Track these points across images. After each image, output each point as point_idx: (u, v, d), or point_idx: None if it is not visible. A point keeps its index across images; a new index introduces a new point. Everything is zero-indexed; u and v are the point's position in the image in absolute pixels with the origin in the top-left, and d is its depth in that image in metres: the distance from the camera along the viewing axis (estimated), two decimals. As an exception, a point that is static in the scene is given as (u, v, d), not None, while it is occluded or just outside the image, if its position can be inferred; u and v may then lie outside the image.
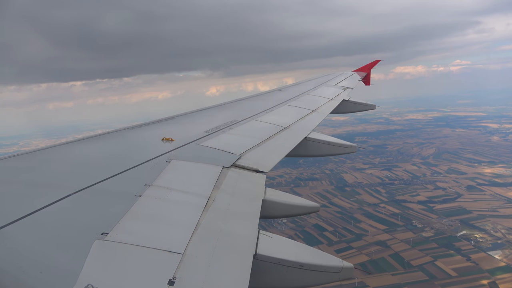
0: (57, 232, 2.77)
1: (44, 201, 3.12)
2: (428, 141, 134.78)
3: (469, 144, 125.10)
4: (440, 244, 63.10)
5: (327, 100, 10.60)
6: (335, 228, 73.52)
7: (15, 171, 4.11)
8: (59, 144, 5.24)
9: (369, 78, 17.92)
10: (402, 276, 55.22)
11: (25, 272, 2.27)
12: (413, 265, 57.84)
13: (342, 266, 3.36)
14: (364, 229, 71.82)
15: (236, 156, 5.12)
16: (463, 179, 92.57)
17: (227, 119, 7.21)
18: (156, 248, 2.70)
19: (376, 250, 62.88)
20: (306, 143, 6.84)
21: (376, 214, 77.65)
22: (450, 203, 79.65)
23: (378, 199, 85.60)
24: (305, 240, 70.48)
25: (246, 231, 3.35)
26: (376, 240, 66.71)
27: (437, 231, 67.70)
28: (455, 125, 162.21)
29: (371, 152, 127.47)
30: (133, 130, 6.26)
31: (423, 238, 65.95)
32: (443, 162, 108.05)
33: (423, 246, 63.11)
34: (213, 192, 3.87)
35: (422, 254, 60.47)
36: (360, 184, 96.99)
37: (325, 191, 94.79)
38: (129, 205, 3.27)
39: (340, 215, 79.49)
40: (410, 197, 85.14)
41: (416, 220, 72.66)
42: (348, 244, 67.01)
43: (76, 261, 2.39)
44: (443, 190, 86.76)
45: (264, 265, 3.05)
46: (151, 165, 4.36)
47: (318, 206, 4.81)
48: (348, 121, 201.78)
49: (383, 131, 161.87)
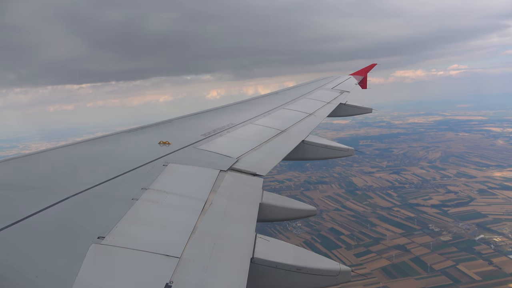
0: (54, 235, 2.74)
1: (40, 205, 3.08)
2: (433, 145, 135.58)
3: (474, 148, 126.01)
4: (460, 248, 63.22)
5: (324, 104, 10.60)
6: (351, 232, 73.35)
7: (11, 174, 4.06)
8: (56, 147, 5.21)
9: (365, 81, 17.99)
10: (426, 281, 55.14)
11: (21, 276, 2.24)
12: (435, 269, 57.80)
13: (340, 269, 3.34)
14: (381, 233, 71.76)
15: (233, 160, 5.11)
16: (473, 183, 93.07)
17: (224, 122, 7.19)
18: (153, 252, 2.69)
19: (396, 254, 62.76)
20: (303, 146, 6.82)
21: (391, 218, 77.66)
22: (463, 207, 79.96)
23: (391, 203, 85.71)
24: (322, 244, 70.36)
25: (243, 234, 3.34)
26: (394, 244, 66.65)
27: (455, 235, 67.82)
28: (457, 129, 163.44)
29: (377, 156, 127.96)
30: (130, 133, 6.20)
31: (441, 242, 66.03)
32: (451, 166, 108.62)
33: (443, 250, 63.17)
34: (210, 196, 3.86)
35: (443, 258, 60.48)
36: (371, 188, 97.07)
37: (336, 195, 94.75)
38: (126, 209, 3.25)
39: (354, 219, 79.36)
40: (422, 200, 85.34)
41: (432, 224, 72.78)
42: (367, 248, 66.83)
43: (73, 265, 2.37)
44: (455, 194, 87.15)
45: (262, 268, 3.04)
46: (148, 168, 4.33)
47: (315, 209, 4.81)
48: (349, 124, 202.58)
49: (386, 135, 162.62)
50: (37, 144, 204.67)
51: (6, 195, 3.36)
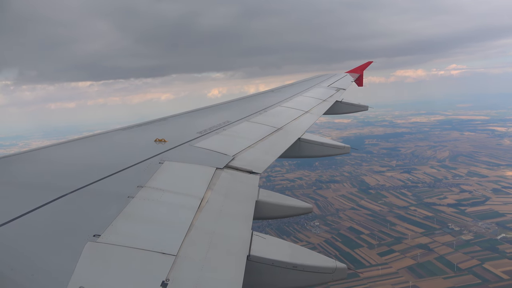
0: (49, 233, 2.73)
1: (36, 203, 3.06)
2: (440, 144, 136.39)
3: (481, 147, 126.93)
4: (483, 247, 63.51)
5: (320, 101, 10.66)
6: (371, 231, 73.39)
7: (6, 172, 4.05)
8: (51, 145, 5.18)
9: (361, 79, 18.02)
10: (454, 280, 55.33)
11: (16, 274, 2.23)
12: (461, 268, 58.01)
13: (335, 266, 3.36)
14: (401, 232, 71.89)
15: (229, 157, 5.12)
16: (486, 182, 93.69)
17: (220, 120, 7.21)
18: (149, 249, 2.69)
19: (420, 254, 62.88)
20: (300, 144, 6.86)
21: (409, 217, 77.83)
22: (480, 206, 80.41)
23: (407, 202, 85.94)
24: (343, 243, 70.35)
25: (240, 232, 3.35)
26: (417, 243, 66.80)
27: (476, 234, 68.15)
28: (461, 128, 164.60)
29: (386, 155, 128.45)
30: (125, 131, 6.21)
31: (463, 241, 66.30)
32: (460, 165, 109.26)
33: (466, 249, 63.43)
34: (206, 193, 3.86)
35: (468, 257, 60.74)
36: (383, 187, 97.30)
37: (349, 194, 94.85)
38: (121, 207, 3.24)
39: (372, 218, 79.45)
40: (438, 200, 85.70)
41: (451, 223, 73.08)
42: (389, 247, 66.91)
43: (68, 263, 2.36)
44: (469, 193, 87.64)
45: (258, 266, 3.05)
46: (144, 166, 4.32)
47: (310, 207, 4.86)
48: (352, 124, 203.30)
49: (391, 134, 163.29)
50: (38, 141, 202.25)
51: (1, 193, 3.33)
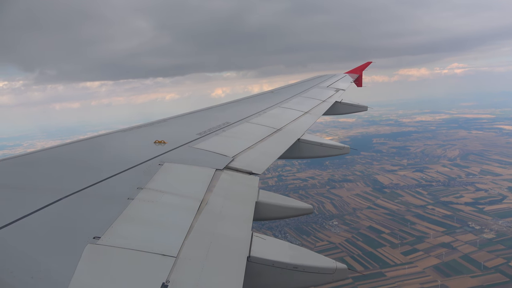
0: (49, 236, 2.72)
1: (36, 205, 3.06)
2: (449, 143, 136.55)
3: (491, 146, 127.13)
4: (507, 245, 63.54)
5: (319, 102, 10.68)
6: (391, 231, 73.34)
7: (6, 174, 4.03)
8: (51, 147, 5.19)
9: (361, 79, 18.03)
10: (482, 278, 55.32)
11: (16, 277, 2.22)
12: (488, 266, 58.03)
13: (336, 267, 3.37)
14: (422, 231, 71.85)
15: (229, 159, 5.12)
16: (500, 181, 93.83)
17: (220, 121, 7.22)
18: (149, 251, 2.69)
19: (445, 253, 62.88)
20: (299, 144, 6.88)
21: (428, 216, 77.85)
22: (497, 204, 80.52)
23: (424, 201, 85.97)
24: (365, 242, 70.25)
25: (240, 233, 3.36)
26: (439, 242, 66.80)
27: (498, 233, 68.23)
28: (468, 127, 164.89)
29: (395, 154, 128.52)
30: (125, 132, 6.22)
31: (486, 240, 66.35)
32: (472, 164, 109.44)
33: (490, 247, 63.47)
34: (206, 195, 3.86)
35: (493, 256, 60.78)
36: (398, 186, 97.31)
37: (364, 193, 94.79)
38: (121, 209, 3.23)
39: (390, 217, 79.41)
40: (454, 198, 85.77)
41: (471, 222, 73.14)
42: (412, 246, 66.88)
43: (68, 266, 2.35)
44: (485, 192, 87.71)
45: (258, 267, 3.04)
46: (143, 168, 4.33)
47: (311, 207, 4.82)
48: (357, 123, 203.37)
49: (397, 133, 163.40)
50: (42, 142, 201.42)
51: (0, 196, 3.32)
